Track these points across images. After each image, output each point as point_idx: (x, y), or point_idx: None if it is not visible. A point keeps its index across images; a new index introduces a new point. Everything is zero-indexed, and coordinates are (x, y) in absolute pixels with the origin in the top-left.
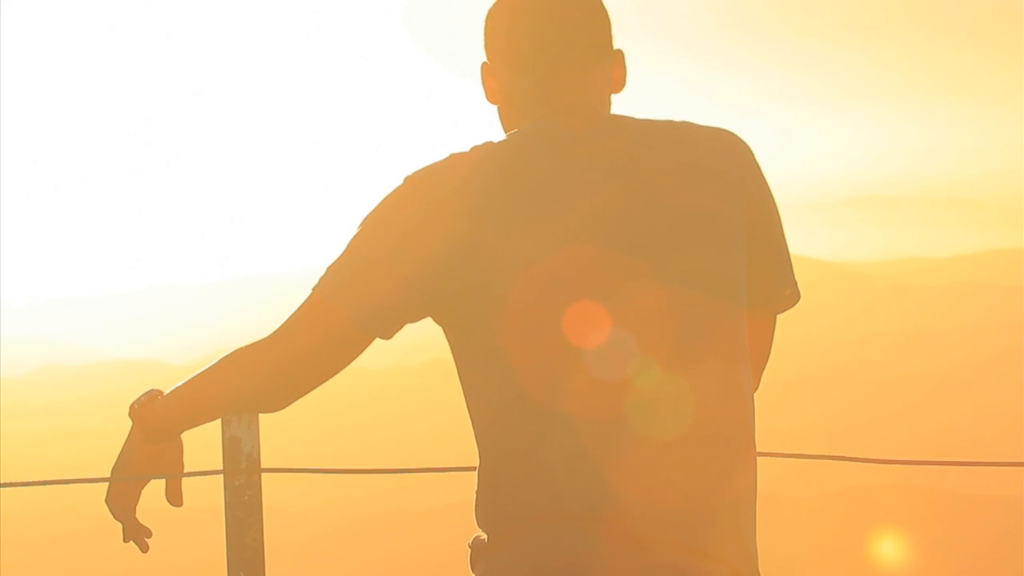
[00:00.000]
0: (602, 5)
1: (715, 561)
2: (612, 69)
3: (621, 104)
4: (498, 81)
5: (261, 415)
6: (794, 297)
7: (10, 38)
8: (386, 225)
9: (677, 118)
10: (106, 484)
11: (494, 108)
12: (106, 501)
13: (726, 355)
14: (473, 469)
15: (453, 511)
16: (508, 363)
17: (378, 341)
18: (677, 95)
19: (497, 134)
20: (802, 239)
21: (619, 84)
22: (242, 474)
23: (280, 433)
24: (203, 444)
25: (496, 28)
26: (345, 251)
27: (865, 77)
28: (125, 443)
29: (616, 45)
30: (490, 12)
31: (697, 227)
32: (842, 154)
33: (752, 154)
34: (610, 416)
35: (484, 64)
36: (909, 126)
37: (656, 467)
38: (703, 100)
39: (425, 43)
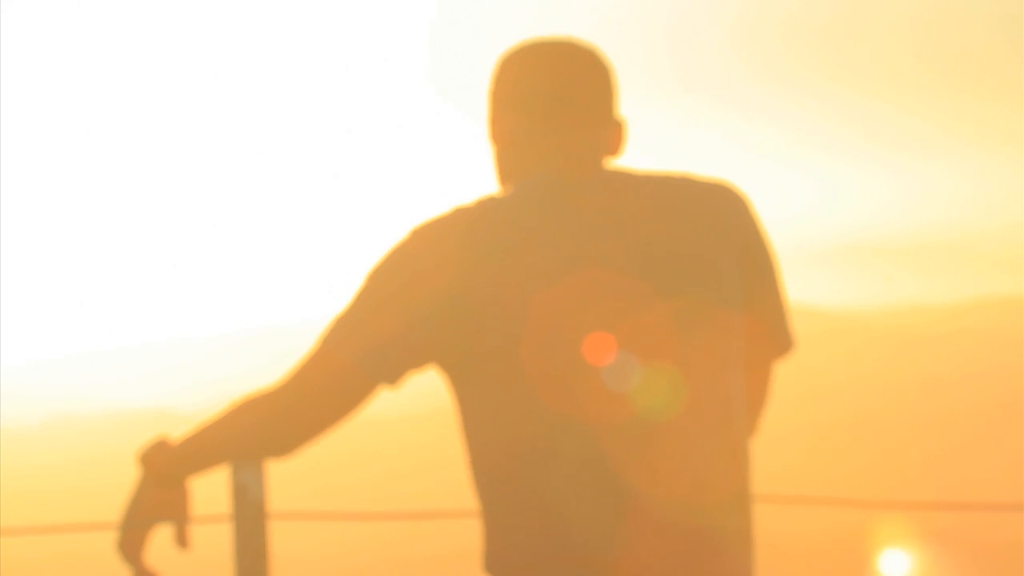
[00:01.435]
0: (612, 72)
1: (724, 554)
2: (613, 135)
3: (649, 153)
4: (502, 125)
5: (269, 462)
6: (791, 346)
7: (9, 68)
8: (391, 275)
9: (678, 171)
10: (115, 531)
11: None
12: (115, 547)
13: (721, 377)
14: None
15: (462, 557)
16: (519, 396)
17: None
18: (697, 142)
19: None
20: (805, 287)
21: (615, 149)
22: (250, 520)
23: (288, 480)
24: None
25: (507, 74)
26: (351, 301)
27: (883, 126)
28: (133, 489)
29: (623, 112)
30: (503, 58)
31: (695, 270)
32: (851, 202)
33: (749, 204)
34: (626, 433)
35: (491, 108)
36: (917, 175)
37: (664, 480)
38: (714, 147)
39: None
